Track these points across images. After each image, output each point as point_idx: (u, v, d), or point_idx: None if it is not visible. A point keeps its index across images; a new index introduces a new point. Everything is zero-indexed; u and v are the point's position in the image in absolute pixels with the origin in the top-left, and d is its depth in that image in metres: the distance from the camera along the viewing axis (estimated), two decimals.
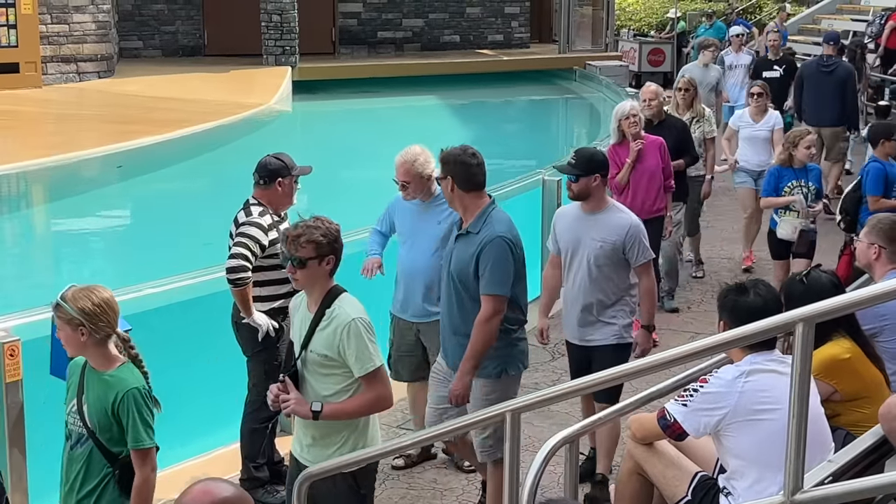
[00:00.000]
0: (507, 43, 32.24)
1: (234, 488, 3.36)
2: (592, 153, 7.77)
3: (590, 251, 7.57)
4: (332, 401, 5.75)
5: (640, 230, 7.60)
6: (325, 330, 5.71)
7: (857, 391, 5.91)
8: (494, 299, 6.70)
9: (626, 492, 5.91)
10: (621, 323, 7.65)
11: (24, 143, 19.05)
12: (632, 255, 7.56)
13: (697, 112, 12.37)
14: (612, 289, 7.63)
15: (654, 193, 10.66)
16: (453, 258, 6.90)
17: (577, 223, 7.69)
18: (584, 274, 7.62)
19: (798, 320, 4.43)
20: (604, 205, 7.67)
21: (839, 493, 4.66)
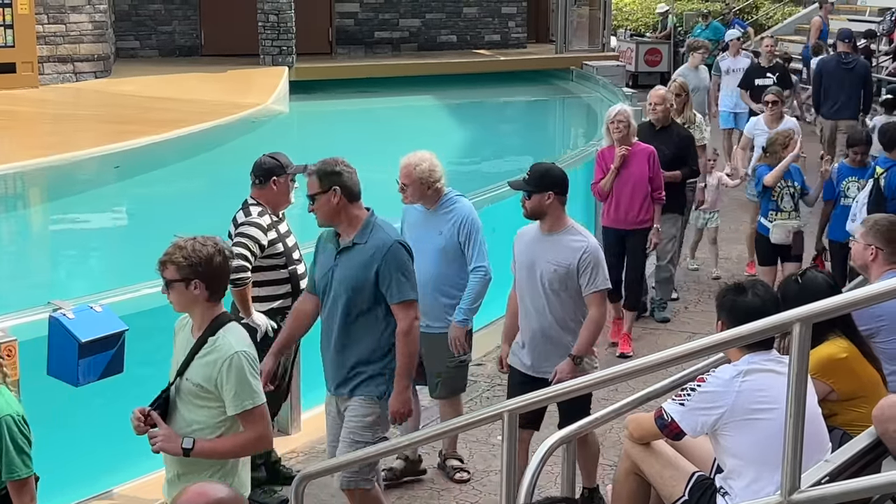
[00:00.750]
0: (504, 43, 32.23)
1: (229, 489, 3.37)
2: (547, 169, 7.32)
3: (543, 274, 7.18)
4: (203, 435, 5.37)
5: (595, 255, 7.14)
6: (204, 359, 5.37)
7: (854, 391, 5.91)
8: (409, 305, 6.48)
9: (623, 492, 5.91)
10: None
11: (21, 144, 19.03)
12: (584, 282, 7.10)
13: (688, 118, 12.09)
14: (569, 315, 7.22)
15: (639, 203, 10.37)
16: (337, 274, 6.55)
17: (534, 244, 7.31)
18: (537, 298, 7.24)
19: (795, 320, 4.44)
20: (562, 225, 7.22)
21: (836, 493, 4.66)
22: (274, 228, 7.54)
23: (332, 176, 6.48)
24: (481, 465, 8.14)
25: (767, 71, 16.93)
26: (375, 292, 6.47)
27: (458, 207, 7.84)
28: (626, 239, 10.54)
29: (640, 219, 10.41)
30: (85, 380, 7.27)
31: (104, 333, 7.32)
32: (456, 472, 7.98)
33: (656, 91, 11.52)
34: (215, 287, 5.39)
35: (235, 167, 18.20)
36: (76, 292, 8.79)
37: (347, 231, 6.54)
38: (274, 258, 7.53)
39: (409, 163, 7.73)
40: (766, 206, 10.86)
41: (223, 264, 5.39)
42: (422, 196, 7.77)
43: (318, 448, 8.30)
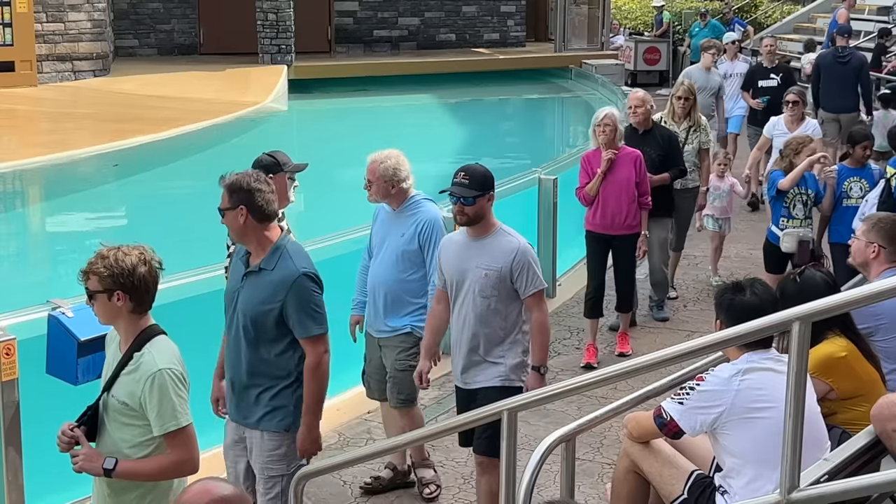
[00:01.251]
0: (503, 42, 32.26)
1: (233, 487, 3.36)
2: (484, 170, 6.85)
3: (474, 281, 6.77)
4: (130, 454, 5.10)
5: (528, 255, 6.75)
6: (129, 375, 5.09)
7: (854, 389, 5.92)
8: (317, 340, 6.07)
9: (622, 491, 5.90)
10: (509, 363, 6.82)
11: (20, 142, 19.06)
12: (520, 284, 6.72)
13: (695, 121, 11.71)
14: (501, 324, 6.82)
15: (626, 208, 10.16)
16: (241, 299, 6.17)
17: (463, 251, 6.88)
18: (469, 308, 6.82)
19: (794, 319, 4.43)
20: (492, 228, 6.82)
21: (835, 492, 4.66)
22: None
23: (240, 193, 6.06)
24: None
25: (771, 72, 16.35)
26: (280, 323, 6.08)
27: (423, 211, 7.58)
28: (612, 244, 10.38)
29: (627, 223, 10.21)
30: (84, 378, 7.20)
31: (103, 332, 7.24)
32: (426, 486, 7.82)
33: (636, 94, 11.30)
34: (139, 299, 5.12)
35: (234, 166, 18.24)
36: (75, 291, 8.73)
37: (256, 252, 6.15)
38: None
39: (374, 159, 7.55)
40: (777, 212, 10.39)
41: (148, 275, 5.12)
42: (385, 195, 7.56)
43: None
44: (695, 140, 11.63)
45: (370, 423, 8.89)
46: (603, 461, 8.05)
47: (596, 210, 10.24)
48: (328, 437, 8.49)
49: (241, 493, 3.35)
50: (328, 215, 13.96)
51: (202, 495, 3.30)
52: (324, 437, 8.39)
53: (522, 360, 6.87)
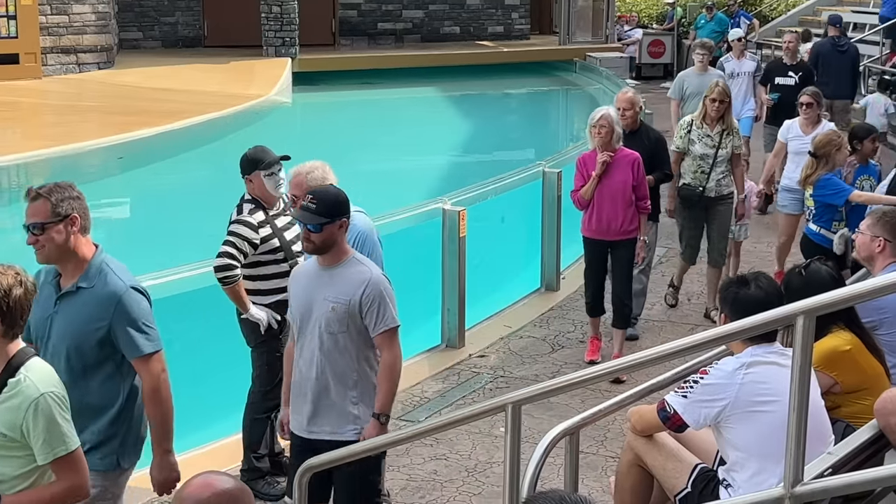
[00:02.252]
0: (508, 34, 32.23)
1: (234, 481, 3.37)
2: (336, 193, 6.15)
3: (321, 315, 6.06)
4: (10, 488, 4.76)
5: (380, 288, 6.05)
6: (5, 404, 4.69)
7: (858, 383, 5.93)
8: (152, 359, 5.50)
9: (625, 484, 5.92)
10: (365, 412, 6.15)
11: (25, 135, 19.08)
12: (370, 320, 6.01)
13: (728, 125, 11.00)
14: (352, 364, 6.11)
15: (622, 213, 9.74)
16: (57, 326, 5.52)
17: (311, 281, 6.18)
18: (315, 345, 6.10)
19: (799, 313, 4.42)
20: (343, 256, 6.10)
21: (839, 486, 4.68)
22: (269, 224, 7.51)
23: (70, 201, 5.46)
24: (484, 456, 8.16)
25: (790, 69, 15.72)
26: (105, 346, 5.48)
27: (353, 225, 6.76)
28: (609, 250, 9.99)
29: (624, 229, 9.80)
30: None
31: None
32: None
33: (624, 95, 10.82)
34: (12, 322, 4.73)
35: (238, 159, 18.32)
36: None
37: (72, 272, 5.51)
38: (272, 253, 7.51)
39: (299, 171, 7.00)
40: (829, 215, 9.88)
41: (24, 297, 4.74)
42: None
43: None
44: (728, 145, 10.97)
45: None
46: (607, 454, 8.07)
47: (591, 215, 9.87)
48: None
49: (242, 487, 3.36)
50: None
51: (204, 489, 3.30)
52: None
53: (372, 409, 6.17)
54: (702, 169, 10.88)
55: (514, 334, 10.81)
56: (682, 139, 11.02)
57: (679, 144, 11.04)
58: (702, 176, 10.89)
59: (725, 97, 10.96)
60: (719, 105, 10.90)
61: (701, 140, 10.93)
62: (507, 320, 11.17)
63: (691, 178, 10.94)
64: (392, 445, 7.28)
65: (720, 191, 11.00)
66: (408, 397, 9.23)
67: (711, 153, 10.87)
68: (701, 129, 10.96)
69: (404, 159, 20.21)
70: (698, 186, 10.91)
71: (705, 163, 10.87)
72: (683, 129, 11.09)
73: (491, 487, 7.63)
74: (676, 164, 10.99)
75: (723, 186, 11.01)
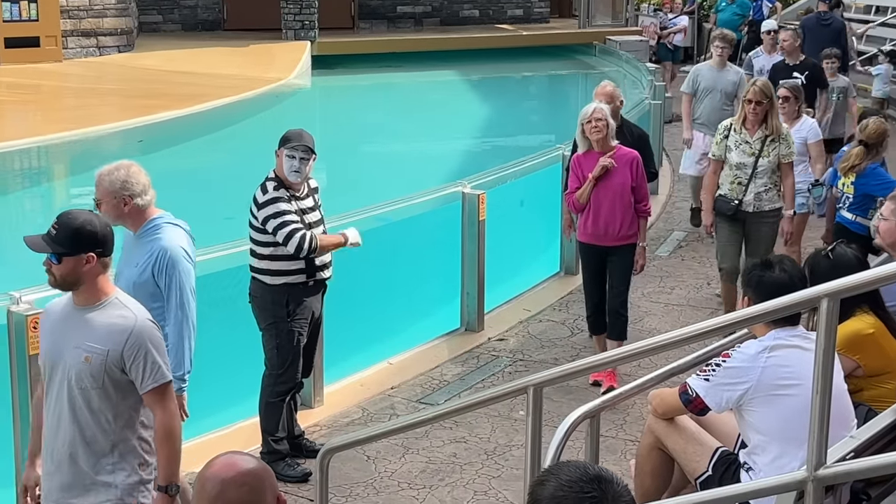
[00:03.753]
0: (527, 18, 32.23)
1: (257, 461, 3.37)
2: (83, 221, 5.02)
3: (71, 365, 5.03)
4: None
5: (145, 337, 5.01)
6: None
7: (881, 366, 5.92)
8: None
9: (646, 466, 5.92)
10: (121, 482, 5.11)
11: (45, 117, 19.18)
12: (135, 375, 5.01)
13: (773, 129, 9.72)
14: (107, 426, 5.09)
15: (621, 216, 9.02)
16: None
17: (63, 323, 5.15)
18: (64, 402, 5.07)
19: (823, 296, 4.38)
20: (100, 296, 5.07)
21: (862, 469, 4.66)
22: (293, 202, 7.54)
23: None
24: (503, 439, 8.18)
25: (794, 69, 14.14)
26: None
27: (160, 237, 6.27)
28: (606, 257, 9.19)
29: (623, 234, 9.07)
30: None
31: None
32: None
33: (603, 88, 9.96)
34: None
35: (258, 141, 18.35)
36: None
37: None
38: None
39: (100, 173, 6.31)
40: (868, 204, 9.48)
41: None
42: (118, 215, 6.25)
43: (341, 421, 8.41)
44: (772, 152, 9.71)
45: (393, 398, 8.95)
46: (626, 438, 8.07)
47: (587, 218, 9.12)
48: (352, 413, 8.62)
49: (265, 467, 3.36)
50: (348, 189, 13.95)
51: (228, 469, 3.30)
52: (347, 412, 8.54)
53: (141, 478, 5.15)
54: (738, 180, 9.72)
55: (533, 318, 10.81)
56: (719, 145, 9.89)
57: (714, 151, 9.96)
58: (738, 187, 9.73)
59: (764, 97, 9.65)
60: (756, 107, 9.65)
61: (738, 147, 9.76)
62: (527, 304, 11.18)
63: (728, 189, 9.77)
64: (412, 428, 7.33)
65: (760, 206, 9.74)
66: (427, 380, 9.29)
67: (750, 162, 9.68)
68: (739, 135, 9.79)
69: (424, 143, 20.23)
70: (734, 199, 9.74)
71: (742, 173, 9.70)
72: (721, 133, 9.93)
73: (510, 470, 7.66)
74: (716, 173, 9.93)
75: (764, 201, 9.73)
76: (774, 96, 9.82)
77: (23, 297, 7.09)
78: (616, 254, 9.13)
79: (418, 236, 11.00)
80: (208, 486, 3.28)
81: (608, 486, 2.84)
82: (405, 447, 8.02)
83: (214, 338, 9.12)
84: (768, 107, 9.66)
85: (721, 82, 13.25)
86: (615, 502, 2.82)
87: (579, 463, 2.93)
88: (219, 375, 8.82)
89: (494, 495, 7.40)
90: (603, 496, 2.81)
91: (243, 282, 7.94)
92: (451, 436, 8.23)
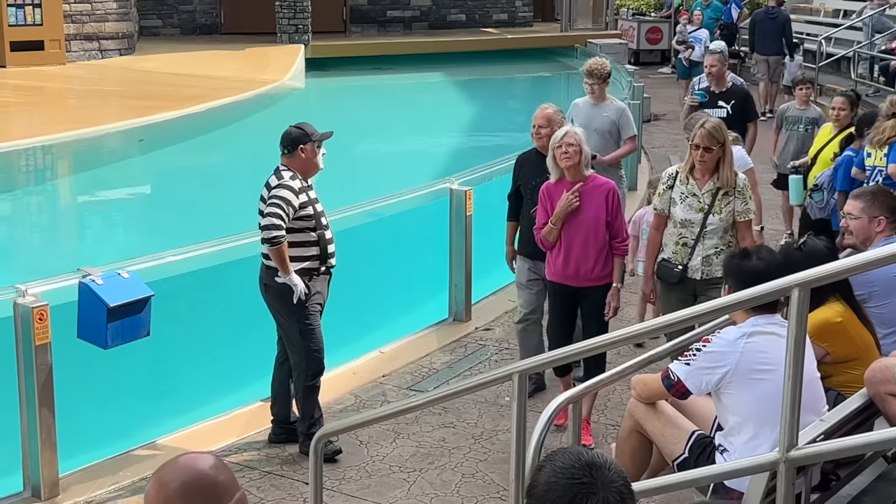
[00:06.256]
0: (511, 22, 32.62)
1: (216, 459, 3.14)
2: None
3: None
4: None
5: None
6: None
7: (849, 353, 6.09)
8: None
9: (626, 449, 6.10)
10: None
11: (50, 118, 19.31)
12: None
13: (726, 180, 7.85)
14: None
15: (595, 255, 7.85)
16: None
17: None
18: None
19: (794, 285, 4.50)
20: None
21: (831, 450, 4.83)
22: (305, 192, 7.67)
23: None
24: (490, 424, 8.32)
25: (720, 98, 12.03)
26: None
27: None
28: (578, 298, 8.02)
29: (597, 274, 7.89)
30: (113, 342, 7.44)
31: (131, 298, 7.48)
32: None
33: (543, 110, 8.66)
34: None
35: (254, 141, 18.54)
36: (104, 259, 9.00)
37: None
38: (304, 220, 7.64)
39: None
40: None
41: None
42: None
43: (334, 408, 8.53)
44: (724, 208, 7.85)
45: (385, 386, 9.09)
46: (608, 422, 8.22)
47: (557, 256, 7.96)
48: (345, 400, 8.77)
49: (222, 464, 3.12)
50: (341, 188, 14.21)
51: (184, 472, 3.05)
52: (341, 399, 8.68)
53: None
54: (684, 240, 7.91)
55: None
56: (661, 197, 8.07)
57: (656, 204, 8.12)
58: (683, 250, 7.90)
59: (714, 142, 7.77)
60: (704, 153, 7.80)
61: (684, 200, 7.94)
62: (512, 295, 11.13)
63: (672, 251, 7.95)
64: (402, 414, 7.46)
65: (711, 272, 7.81)
66: (417, 369, 9.43)
67: (698, 219, 7.86)
68: (685, 186, 7.95)
69: (413, 141, 20.39)
70: (678, 264, 7.92)
71: (689, 232, 7.88)
72: (664, 182, 8.12)
73: (497, 454, 7.80)
74: (658, 229, 8.09)
75: (714, 266, 7.78)
76: (728, 141, 7.94)
77: (29, 290, 7.22)
78: (590, 296, 7.94)
79: (408, 231, 11.13)
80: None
81: (599, 472, 2.86)
82: (396, 432, 8.15)
83: (210, 329, 9.37)
84: (720, 154, 7.82)
85: (596, 120, 10.78)
86: (606, 488, 2.83)
87: (576, 449, 2.97)
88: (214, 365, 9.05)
89: (482, 478, 7.52)
90: (593, 482, 2.84)
91: (240, 274, 8.06)
92: (440, 421, 8.37)
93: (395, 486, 7.44)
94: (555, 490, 2.86)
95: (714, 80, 12.12)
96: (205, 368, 9.04)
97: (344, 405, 8.68)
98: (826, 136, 11.12)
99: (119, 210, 15.84)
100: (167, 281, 8.30)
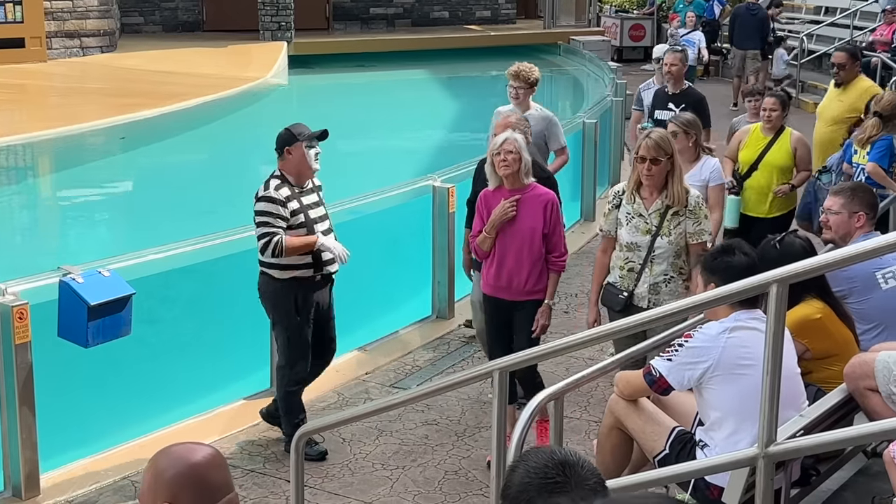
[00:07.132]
0: (495, 19, 32.64)
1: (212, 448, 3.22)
2: None
3: None
4: None
5: None
6: None
7: (828, 349, 6.13)
8: None
9: (607, 445, 6.10)
10: None
11: (30, 116, 19.31)
12: None
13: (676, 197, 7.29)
14: None
15: (528, 268, 7.42)
16: None
17: None
18: None
19: (772, 281, 4.56)
20: None
21: (810, 446, 4.90)
22: (295, 199, 7.64)
23: None
24: (472, 421, 8.36)
25: (670, 101, 11.73)
26: None
27: None
28: (511, 312, 7.60)
29: (529, 288, 7.48)
30: (94, 341, 7.42)
31: (112, 297, 7.48)
32: None
33: (507, 118, 8.20)
34: None
35: (236, 138, 18.52)
36: (85, 258, 8.98)
37: None
38: (295, 229, 7.62)
39: None
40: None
41: None
42: None
43: (317, 406, 8.56)
44: (674, 230, 7.31)
45: (368, 383, 9.13)
46: (590, 419, 8.25)
47: (490, 267, 7.55)
48: (327, 397, 8.79)
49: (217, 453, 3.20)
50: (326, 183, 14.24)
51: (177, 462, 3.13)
52: (324, 396, 8.70)
53: None
54: (630, 265, 7.39)
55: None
56: (607, 217, 7.54)
57: (602, 225, 7.61)
58: (629, 275, 7.39)
59: (661, 153, 7.21)
60: (651, 166, 7.21)
61: (630, 221, 7.39)
62: None
63: (618, 275, 7.44)
64: (385, 411, 7.51)
65: (658, 301, 7.25)
66: (400, 366, 9.47)
67: (644, 242, 7.32)
68: (632, 205, 7.39)
69: (396, 138, 20.39)
70: (623, 290, 7.40)
71: (635, 256, 7.36)
72: (611, 201, 7.54)
73: (479, 451, 7.83)
74: (605, 252, 7.58)
75: (663, 294, 7.30)
76: (676, 153, 7.41)
77: (8, 289, 7.21)
78: (522, 310, 7.53)
79: (391, 228, 11.13)
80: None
81: (572, 471, 2.86)
82: (379, 430, 8.18)
83: (190, 327, 9.35)
84: (668, 167, 7.25)
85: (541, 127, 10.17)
86: (579, 487, 2.83)
87: (549, 448, 2.98)
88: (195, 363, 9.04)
89: (464, 475, 7.56)
90: (566, 481, 2.84)
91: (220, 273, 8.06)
92: (423, 418, 8.40)
93: (378, 484, 7.46)
94: (529, 490, 2.86)
95: (672, 79, 11.73)
96: (187, 367, 9.02)
97: (327, 403, 8.71)
98: (758, 139, 10.11)
99: (100, 208, 15.83)
100: (147, 279, 8.27)
